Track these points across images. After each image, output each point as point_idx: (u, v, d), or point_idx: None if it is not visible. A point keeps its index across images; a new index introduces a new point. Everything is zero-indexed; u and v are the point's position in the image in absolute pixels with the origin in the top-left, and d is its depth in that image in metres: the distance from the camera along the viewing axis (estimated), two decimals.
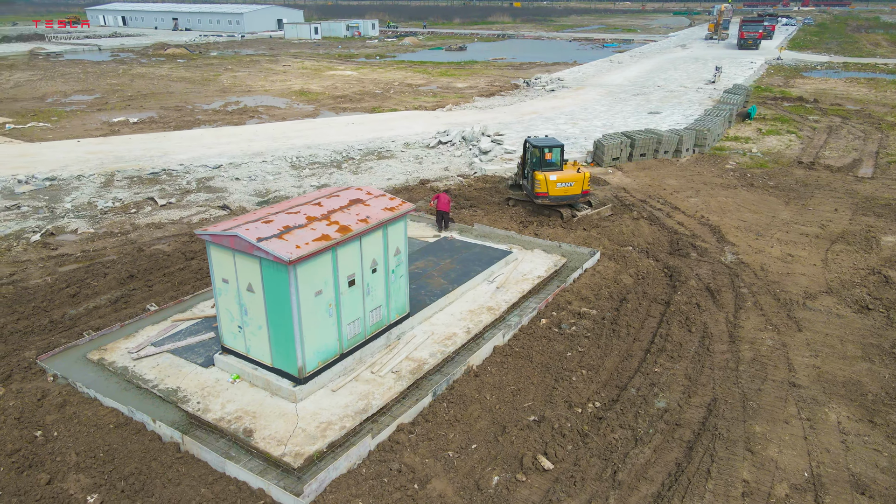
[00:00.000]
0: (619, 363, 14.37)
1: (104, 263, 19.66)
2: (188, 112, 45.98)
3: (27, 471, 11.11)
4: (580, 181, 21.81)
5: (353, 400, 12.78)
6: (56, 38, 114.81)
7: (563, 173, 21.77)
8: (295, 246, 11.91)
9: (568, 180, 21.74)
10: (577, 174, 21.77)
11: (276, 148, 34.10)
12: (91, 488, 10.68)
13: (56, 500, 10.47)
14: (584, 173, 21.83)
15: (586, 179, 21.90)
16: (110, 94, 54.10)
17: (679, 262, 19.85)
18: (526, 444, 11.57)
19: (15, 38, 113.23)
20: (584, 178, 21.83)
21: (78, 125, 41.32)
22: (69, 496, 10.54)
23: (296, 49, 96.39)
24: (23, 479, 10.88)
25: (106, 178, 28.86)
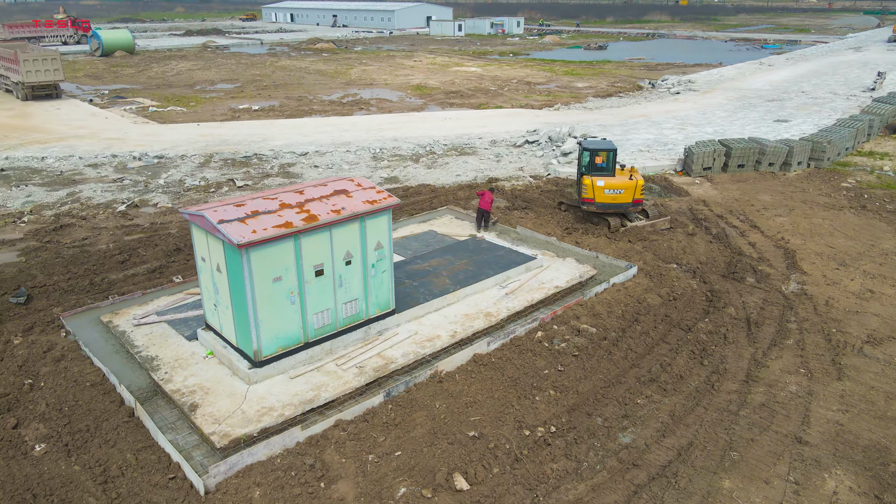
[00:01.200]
0: (599, 388, 13.09)
1: (162, 236, 21.32)
2: (307, 102, 48.60)
3: (4, 414, 12.30)
4: (631, 189, 20.14)
5: (305, 389, 12.78)
6: (230, 33, 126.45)
7: (612, 179, 20.23)
8: (251, 231, 12.10)
9: (617, 187, 20.16)
10: (627, 181, 20.12)
11: (366, 139, 35.03)
12: (43, 438, 11.60)
13: (11, 443, 11.49)
14: (636, 181, 20.12)
15: (638, 188, 20.17)
16: (249, 83, 58.60)
17: (729, 286, 17.72)
18: (449, 460, 10.89)
19: (196, 32, 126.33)
20: (636, 186, 20.12)
21: (209, 110, 45.21)
22: (23, 442, 11.52)
23: (435, 45, 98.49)
24: None
25: (205, 159, 31.29)
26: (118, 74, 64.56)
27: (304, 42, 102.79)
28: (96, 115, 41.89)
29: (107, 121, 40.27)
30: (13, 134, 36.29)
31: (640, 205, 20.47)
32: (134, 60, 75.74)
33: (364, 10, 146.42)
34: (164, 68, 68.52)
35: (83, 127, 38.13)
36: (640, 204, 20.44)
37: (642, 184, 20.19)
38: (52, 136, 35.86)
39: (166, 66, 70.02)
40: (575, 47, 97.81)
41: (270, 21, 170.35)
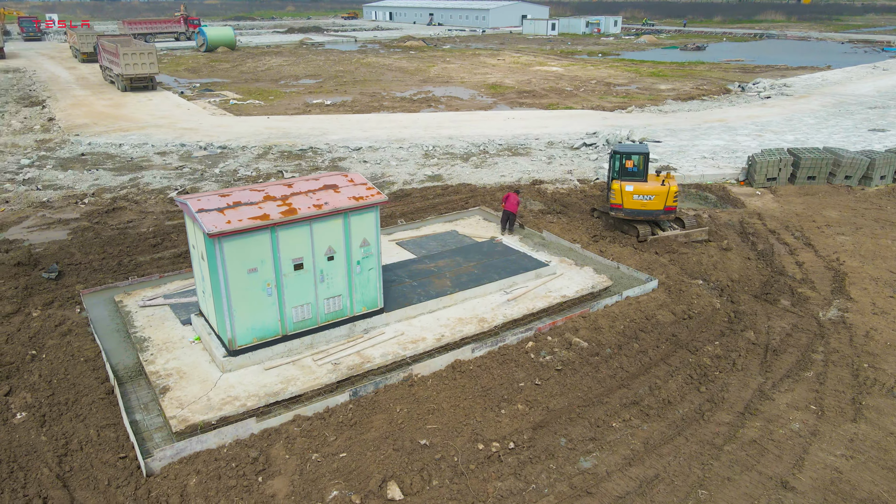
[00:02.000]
0: (574, 406, 12.31)
1: None
2: (379, 98, 49.31)
3: (2, 381, 13.16)
4: (662, 196, 18.87)
5: (274, 382, 12.84)
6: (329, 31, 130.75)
7: (641, 184, 19.05)
8: (226, 221, 12.27)
9: (646, 193, 18.97)
10: (659, 187, 18.88)
11: (423, 136, 35.03)
12: (26, 407, 12.30)
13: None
14: (668, 187, 18.84)
15: (671, 195, 18.87)
16: (331, 79, 60.24)
17: (758, 307, 16.25)
18: (390, 467, 10.56)
19: (298, 29, 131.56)
20: (668, 192, 18.83)
21: (284, 104, 46.83)
22: (7, 409, 12.26)
23: (524, 45, 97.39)
24: None
25: (263, 151, 32.40)
26: (214, 69, 68.20)
27: (396, 40, 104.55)
28: (180, 107, 44.41)
29: (188, 112, 42.59)
30: (103, 122, 39.10)
31: (673, 213, 19.16)
32: (233, 56, 79.75)
33: (459, 9, 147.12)
34: (257, 63, 71.71)
35: (165, 117, 40.51)
36: (673, 212, 19.13)
37: (675, 190, 18.88)
38: (134, 124, 38.33)
39: (259, 62, 73.25)
40: (671, 48, 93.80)
41: (370, 19, 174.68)
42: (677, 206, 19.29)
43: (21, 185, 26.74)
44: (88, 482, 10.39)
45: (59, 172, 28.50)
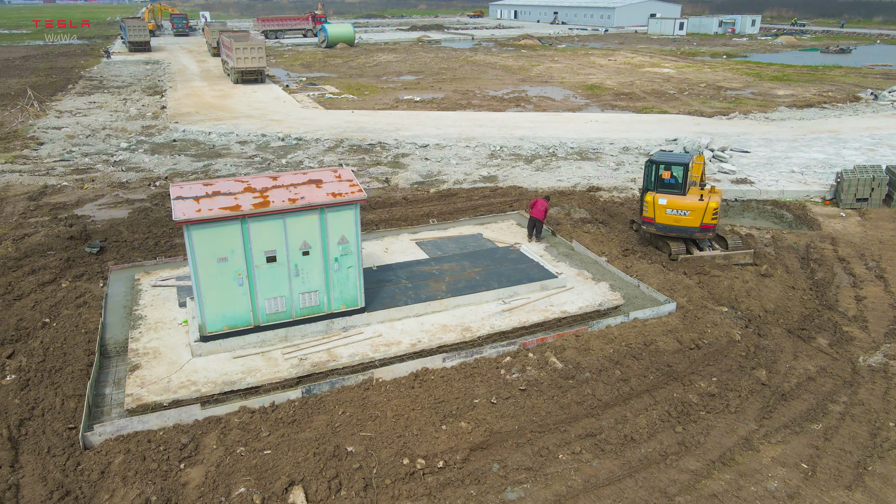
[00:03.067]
0: (523, 431, 11.44)
1: None
2: (470, 96, 49.09)
3: (12, 344, 14.35)
4: (699, 212, 17.11)
5: (236, 371, 13.03)
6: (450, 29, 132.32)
7: (676, 198, 17.38)
8: (196, 210, 12.59)
9: (681, 207, 17.28)
10: (696, 203, 17.14)
11: (496, 136, 34.39)
12: (17, 370, 13.30)
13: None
14: (706, 202, 17.05)
15: (709, 211, 17.06)
16: (431, 75, 60.84)
17: (787, 343, 14.36)
18: (303, 471, 10.32)
19: (420, 27, 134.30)
20: (706, 208, 17.04)
21: (375, 99, 47.88)
22: (3, 370, 13.34)
23: (645, 45, 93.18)
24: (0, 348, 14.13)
25: (334, 144, 33.26)
26: (327, 64, 71.13)
27: (512, 38, 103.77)
28: (278, 99, 46.66)
29: (282, 104, 44.65)
30: (205, 111, 41.92)
31: (711, 231, 17.33)
32: (349, 52, 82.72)
33: (584, 7, 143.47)
34: (368, 60, 73.91)
35: (259, 109, 42.74)
36: (711, 230, 17.30)
37: (715, 207, 17.06)
38: (229, 114, 40.75)
39: (371, 58, 75.46)
40: (811, 49, 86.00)
41: (495, 17, 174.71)
42: (717, 224, 17.42)
43: (111, 166, 29.22)
44: (34, 448, 11.04)
45: (146, 156, 30.86)
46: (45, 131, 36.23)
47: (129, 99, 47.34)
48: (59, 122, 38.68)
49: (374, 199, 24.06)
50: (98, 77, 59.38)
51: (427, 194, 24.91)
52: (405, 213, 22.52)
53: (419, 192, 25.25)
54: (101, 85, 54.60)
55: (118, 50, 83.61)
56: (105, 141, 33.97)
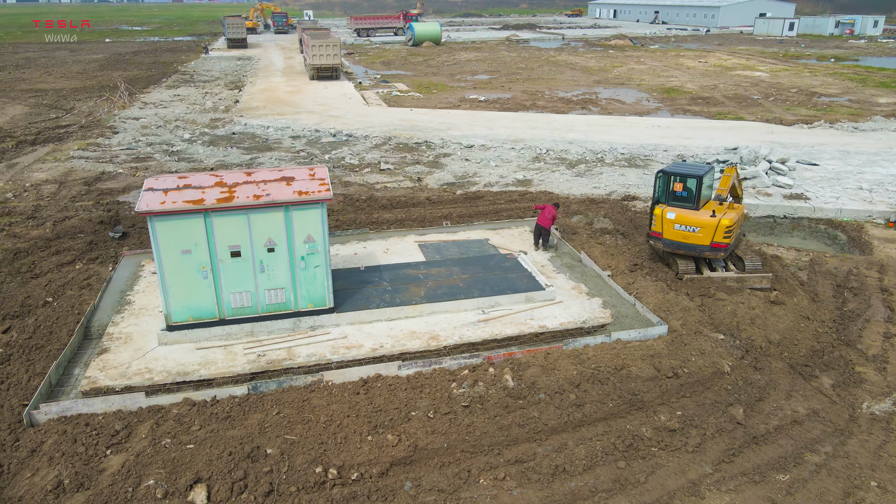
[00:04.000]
0: (454, 450, 10.87)
1: None
2: (538, 97, 48.04)
3: (13, 320, 15.30)
4: (709, 229, 15.67)
5: (193, 362, 13.25)
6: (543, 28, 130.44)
7: (685, 213, 16.01)
8: (160, 202, 12.88)
9: (690, 223, 15.90)
10: (707, 219, 15.71)
11: (546, 138, 33.38)
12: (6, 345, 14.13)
13: None
14: (718, 219, 15.60)
15: (720, 229, 15.58)
16: (506, 75, 60.10)
17: (785, 380, 12.92)
18: (212, 470, 10.27)
19: (512, 26, 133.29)
20: (717, 226, 15.58)
21: (440, 98, 47.83)
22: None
23: (745, 46, 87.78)
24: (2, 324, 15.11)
25: (382, 141, 33.45)
26: (407, 62, 71.93)
27: (604, 38, 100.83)
28: (345, 96, 47.58)
29: (348, 101, 45.48)
30: (271, 106, 43.42)
31: (723, 251, 15.83)
32: (433, 51, 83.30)
33: (687, 7, 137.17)
34: (448, 58, 74.08)
35: (323, 105, 43.75)
36: (723, 250, 15.80)
37: (728, 225, 15.56)
38: (293, 110, 41.96)
39: (452, 57, 75.61)
40: None
41: (594, 17, 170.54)
42: (730, 244, 15.88)
43: (168, 156, 30.79)
44: None
45: (202, 148, 32.30)
46: (123, 121, 38.77)
47: (209, 93, 49.84)
48: (140, 113, 41.27)
49: (398, 199, 23.92)
50: (191, 72, 62.97)
51: (453, 196, 24.49)
52: (423, 214, 22.21)
53: (446, 193, 24.87)
54: (191, 79, 57.85)
55: (219, 46, 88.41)
56: (172, 132, 35.88)
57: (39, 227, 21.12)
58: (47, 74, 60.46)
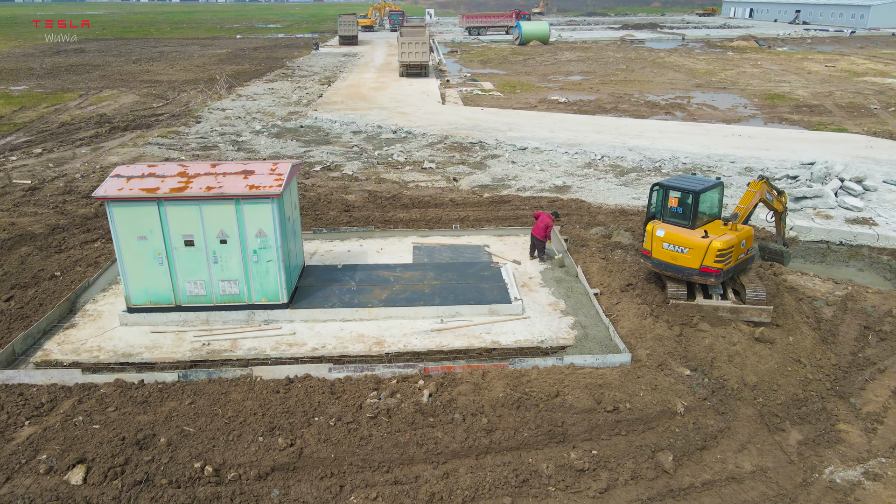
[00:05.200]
0: (340, 462, 10.44)
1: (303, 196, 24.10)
2: (623, 100, 45.74)
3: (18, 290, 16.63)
4: (699, 251, 13.96)
5: (141, 344, 13.74)
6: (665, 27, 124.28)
7: (675, 231, 14.39)
8: (118, 188, 13.44)
9: (679, 243, 14.26)
10: (697, 239, 14.02)
11: (605, 144, 31.64)
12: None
13: None
14: (709, 241, 13.86)
15: (711, 252, 13.83)
16: (600, 77, 57.81)
17: (747, 430, 11.32)
18: (100, 452, 10.51)
19: (632, 26, 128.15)
20: (707, 248, 13.84)
21: (519, 98, 46.81)
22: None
23: (891, 49, 78.66)
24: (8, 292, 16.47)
25: (437, 140, 33.22)
26: (505, 61, 71.17)
27: (727, 39, 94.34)
28: (424, 93, 47.74)
29: (425, 99, 45.60)
30: (349, 101, 44.49)
31: (715, 276, 14.06)
32: (538, 50, 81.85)
33: (832, 6, 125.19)
34: (550, 58, 72.45)
35: (398, 101, 44.19)
36: (714, 275, 14.03)
37: (720, 248, 13.80)
38: (367, 105, 42.72)
39: (554, 57, 73.87)
40: None
41: (728, 16, 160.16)
42: (723, 269, 14.05)
43: (231, 146, 32.38)
44: None
45: (265, 140, 33.67)
46: (211, 111, 41.29)
47: (300, 87, 51.95)
48: (229, 105, 43.77)
49: (421, 199, 23.60)
50: (295, 67, 66.02)
51: (479, 199, 23.80)
52: (440, 216, 21.74)
53: (473, 195, 24.21)
54: (292, 74, 60.62)
55: (332, 43, 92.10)
56: (247, 123, 37.71)
57: (86, 207, 22.87)
58: (171, 67, 65.75)
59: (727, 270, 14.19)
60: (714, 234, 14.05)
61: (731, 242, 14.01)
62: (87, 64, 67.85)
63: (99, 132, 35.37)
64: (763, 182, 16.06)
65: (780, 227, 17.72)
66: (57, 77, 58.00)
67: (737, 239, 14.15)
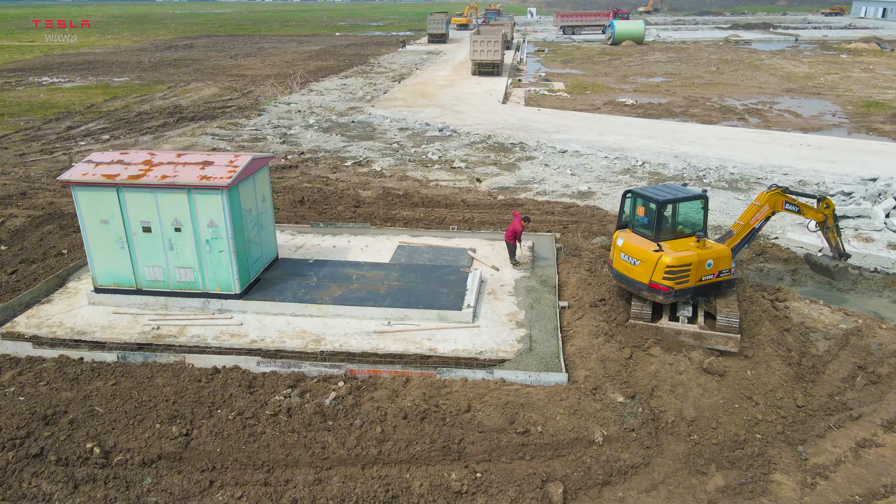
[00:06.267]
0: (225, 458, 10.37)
1: (315, 190, 24.49)
2: (697, 104, 43.06)
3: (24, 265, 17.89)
4: (648, 265, 12.65)
5: (99, 323, 14.33)
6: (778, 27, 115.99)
7: (633, 241, 13.17)
8: (82, 173, 14.08)
9: (633, 254, 13.01)
10: (650, 253, 12.75)
11: (651, 149, 29.83)
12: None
13: None
14: (658, 256, 12.54)
15: (660, 267, 12.43)
16: (682, 79, 54.76)
17: (662, 469, 10.22)
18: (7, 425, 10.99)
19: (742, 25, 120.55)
20: (656, 263, 12.52)
21: (585, 100, 45.18)
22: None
23: None
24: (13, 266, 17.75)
25: (480, 139, 32.65)
26: (588, 61, 69.02)
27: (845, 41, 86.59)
28: (488, 92, 47.08)
29: (486, 97, 45.00)
30: (410, 98, 44.69)
31: (662, 294, 12.67)
32: (628, 50, 78.77)
33: None
34: (637, 59, 69.50)
35: (458, 100, 43.87)
36: (663, 293, 12.65)
37: (670, 265, 12.41)
38: (424, 102, 42.70)
39: (641, 57, 70.79)
40: None
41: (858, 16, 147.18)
42: (677, 288, 12.61)
43: (278, 138, 33.37)
44: None
45: (312, 134, 34.44)
46: (276, 105, 42.81)
47: (371, 83, 52.81)
48: (296, 99, 45.22)
49: (433, 198, 23.23)
50: (376, 63, 67.26)
51: (493, 201, 23.11)
52: (443, 216, 21.32)
53: (488, 197, 23.55)
54: (370, 70, 61.79)
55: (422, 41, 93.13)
56: (304, 117, 38.74)
57: None
58: (262, 62, 68.90)
59: (681, 290, 12.82)
60: (670, 249, 12.77)
61: (686, 260, 12.65)
62: (189, 59, 72.42)
63: (167, 122, 37.57)
64: (775, 193, 14.51)
65: (830, 237, 15.82)
66: (158, 70, 62.25)
67: (697, 258, 12.75)
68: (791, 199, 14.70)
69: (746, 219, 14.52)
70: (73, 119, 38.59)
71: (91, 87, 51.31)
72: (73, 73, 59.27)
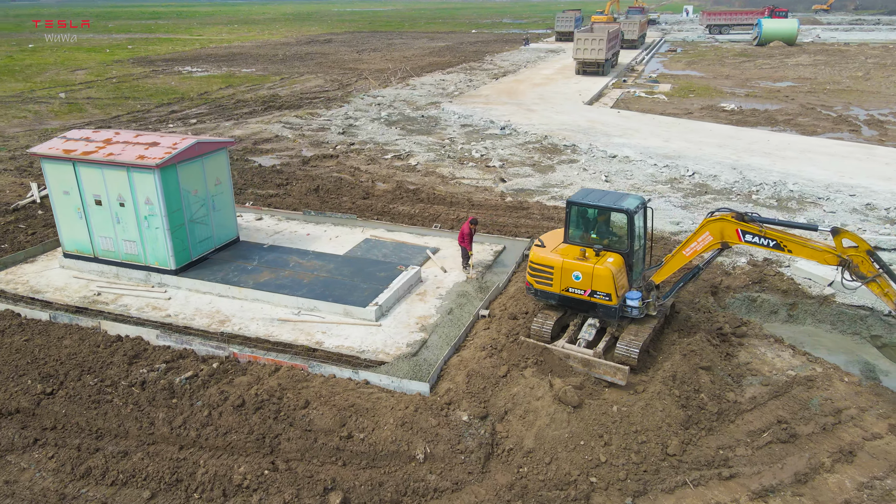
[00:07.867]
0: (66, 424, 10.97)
1: (334, 180, 24.94)
2: (810, 113, 38.29)
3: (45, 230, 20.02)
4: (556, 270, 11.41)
5: (54, 285, 15.72)
6: None
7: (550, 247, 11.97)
8: (49, 147, 15.47)
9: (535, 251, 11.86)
10: (549, 256, 11.49)
11: (711, 159, 26.97)
12: None
13: None
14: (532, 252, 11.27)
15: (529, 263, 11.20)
16: (813, 84, 48.93)
17: (469, 496, 9.35)
18: None
19: None
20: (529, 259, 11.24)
21: (681, 104, 41.85)
22: None
23: None
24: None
25: (535, 139, 31.46)
26: (715, 63, 63.78)
27: None
28: (578, 93, 45.04)
29: (572, 98, 43.18)
30: (495, 95, 44.02)
31: (526, 290, 11.36)
32: (771, 52, 71.78)
33: None
34: (775, 61, 63.15)
35: (542, 99, 42.51)
36: (526, 289, 11.35)
37: (531, 260, 11.21)
38: (505, 100, 41.84)
39: (780, 60, 64.17)
40: None
41: None
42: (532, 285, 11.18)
43: (339, 129, 34.38)
44: None
45: (374, 126, 35.09)
46: (362, 98, 44.16)
47: (469, 79, 52.76)
48: (386, 92, 46.31)
49: (441, 196, 22.78)
50: (489, 61, 67.04)
51: (499, 202, 22.21)
52: (438, 213, 20.87)
53: (496, 198, 22.66)
54: (479, 66, 61.75)
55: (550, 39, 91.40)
56: (379, 111, 39.58)
57: None
58: (381, 57, 71.36)
59: (541, 292, 11.82)
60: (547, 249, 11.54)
61: (548, 262, 11.56)
62: (319, 53, 76.69)
63: (255, 109, 40.14)
64: (720, 219, 11.43)
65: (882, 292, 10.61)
66: (284, 63, 66.60)
67: (560, 263, 11.60)
68: (751, 229, 11.36)
69: (680, 249, 12.38)
70: (182, 104, 42.39)
71: (216, 76, 56.04)
72: (211, 64, 65.08)
